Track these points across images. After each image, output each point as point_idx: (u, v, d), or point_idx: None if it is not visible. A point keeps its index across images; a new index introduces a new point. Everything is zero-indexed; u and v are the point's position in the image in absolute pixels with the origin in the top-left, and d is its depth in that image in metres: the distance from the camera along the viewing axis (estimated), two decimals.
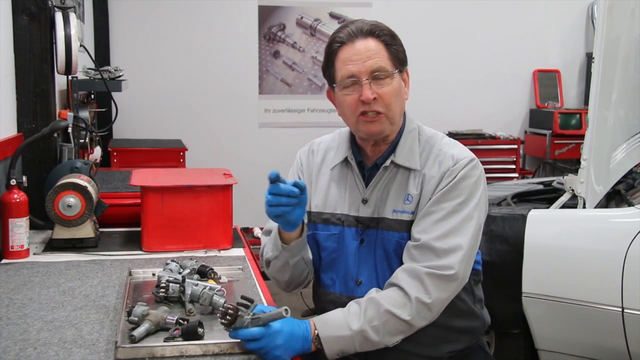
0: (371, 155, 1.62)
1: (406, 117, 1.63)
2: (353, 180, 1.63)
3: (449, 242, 1.48)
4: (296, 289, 1.71)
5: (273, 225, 1.62)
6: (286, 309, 1.29)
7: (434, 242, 1.48)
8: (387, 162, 1.58)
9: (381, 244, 1.57)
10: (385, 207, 1.57)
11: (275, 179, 1.42)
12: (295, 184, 1.44)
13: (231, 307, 1.28)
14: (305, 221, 1.65)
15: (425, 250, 1.48)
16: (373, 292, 1.49)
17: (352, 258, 1.61)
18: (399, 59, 1.56)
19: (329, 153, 1.70)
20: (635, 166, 3.07)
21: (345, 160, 1.65)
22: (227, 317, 1.27)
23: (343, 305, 1.50)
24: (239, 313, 1.28)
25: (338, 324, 1.44)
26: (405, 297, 1.45)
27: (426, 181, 1.55)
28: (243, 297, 1.32)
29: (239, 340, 1.31)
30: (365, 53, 1.51)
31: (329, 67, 1.58)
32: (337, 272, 1.64)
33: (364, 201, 1.60)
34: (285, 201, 1.43)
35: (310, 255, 1.65)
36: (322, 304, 1.67)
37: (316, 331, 1.42)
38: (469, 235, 1.50)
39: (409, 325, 1.46)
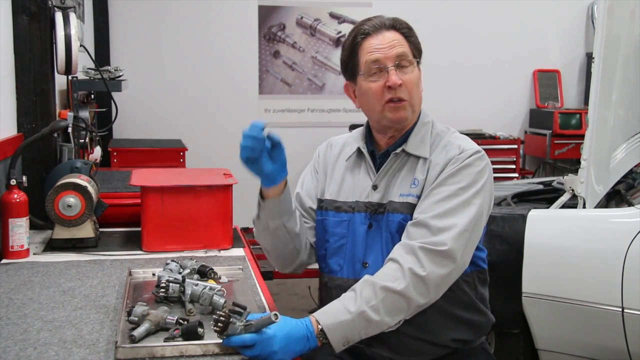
0: (385, 145, 1.68)
1: (421, 110, 1.69)
2: (365, 168, 1.69)
3: (444, 222, 1.51)
4: (288, 269, 1.74)
5: None
6: (275, 314, 1.29)
7: (430, 220, 1.52)
8: (398, 150, 1.63)
9: (387, 226, 1.62)
10: (392, 192, 1.63)
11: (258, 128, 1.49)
12: (268, 135, 1.50)
13: (223, 314, 1.28)
14: (316, 205, 1.72)
15: (421, 227, 1.52)
16: (366, 276, 1.51)
17: (360, 242, 1.65)
18: (418, 50, 1.65)
19: (346, 147, 1.77)
20: (635, 166, 3.07)
21: (359, 150, 1.71)
22: (219, 324, 1.27)
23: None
24: (231, 320, 1.28)
25: (337, 310, 1.45)
26: (399, 270, 1.47)
27: (432, 167, 1.60)
28: (235, 304, 1.32)
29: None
30: (389, 42, 1.60)
31: (352, 58, 1.64)
32: (344, 257, 1.67)
33: (375, 187, 1.65)
34: (251, 143, 1.49)
35: (297, 228, 1.67)
36: (329, 290, 1.69)
37: (319, 326, 1.42)
38: (466, 218, 1.52)
39: (405, 297, 1.46)
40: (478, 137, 5.48)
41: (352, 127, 1.74)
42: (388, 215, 1.61)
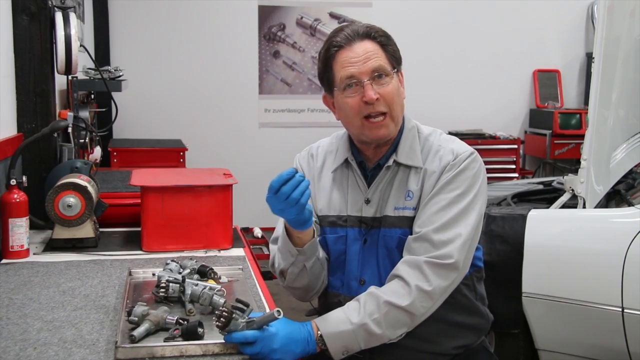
0: (372, 157, 1.63)
1: (404, 116, 1.63)
2: (354, 181, 1.63)
3: (447, 234, 1.48)
4: (314, 296, 1.69)
5: (280, 232, 1.61)
6: (278, 310, 1.28)
7: (432, 234, 1.49)
8: (390, 162, 1.58)
9: (383, 242, 1.58)
10: (387, 206, 1.58)
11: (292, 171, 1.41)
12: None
13: (225, 310, 1.28)
14: (317, 220, 1.66)
15: (424, 242, 1.49)
16: (372, 288, 1.49)
17: (355, 258, 1.61)
18: (396, 59, 1.57)
19: (328, 157, 1.70)
20: (635, 166, 3.07)
21: (346, 162, 1.65)
22: (221, 319, 1.27)
23: None
24: (234, 316, 1.28)
25: (339, 319, 1.44)
26: (405, 287, 1.46)
27: (427, 176, 1.56)
28: (238, 301, 1.31)
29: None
30: (364, 54, 1.52)
31: (326, 72, 1.58)
32: (344, 273, 1.64)
33: (367, 201, 1.60)
34: (302, 188, 1.40)
35: (324, 254, 1.64)
36: (330, 306, 1.65)
37: (319, 332, 1.42)
38: (469, 227, 1.50)
39: (409, 313, 1.45)
40: (478, 137, 5.49)
41: (336, 133, 1.68)
42: (385, 231, 1.57)
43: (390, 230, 1.57)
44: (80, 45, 2.48)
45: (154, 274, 1.71)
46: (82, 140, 2.70)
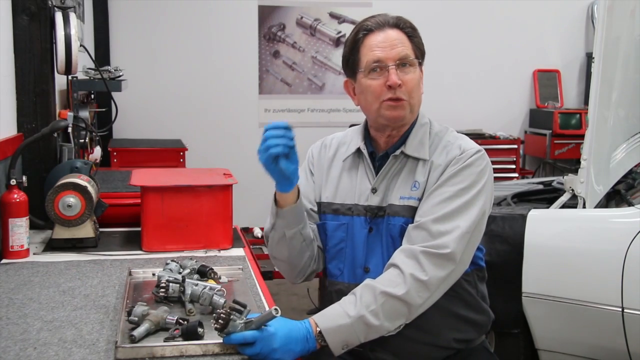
0: (383, 146, 1.66)
1: (420, 112, 1.67)
2: (364, 170, 1.67)
3: (446, 225, 1.50)
4: (301, 278, 1.72)
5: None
6: (276, 309, 1.28)
7: (431, 224, 1.50)
8: (397, 152, 1.61)
9: (388, 230, 1.60)
10: (392, 195, 1.61)
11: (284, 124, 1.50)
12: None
13: (223, 312, 1.28)
14: (317, 208, 1.70)
15: (422, 231, 1.51)
16: (368, 280, 1.50)
17: (360, 246, 1.63)
18: (420, 51, 1.63)
19: (341, 147, 1.74)
20: (635, 166, 3.07)
21: (358, 151, 1.68)
22: (220, 321, 1.27)
23: None
24: (232, 317, 1.28)
25: (336, 314, 1.45)
26: (400, 276, 1.47)
27: (433, 168, 1.58)
28: (235, 302, 1.31)
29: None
30: (392, 41, 1.58)
31: (353, 55, 1.62)
32: (344, 261, 1.66)
33: (374, 190, 1.63)
34: (283, 140, 1.50)
35: (310, 234, 1.66)
36: (330, 295, 1.68)
37: (318, 328, 1.42)
38: (469, 220, 1.51)
39: (405, 302, 1.45)
40: (478, 137, 5.48)
41: (352, 127, 1.74)
42: (388, 219, 1.60)
43: (394, 219, 1.59)
44: (80, 45, 2.48)
45: (154, 274, 1.71)
46: (82, 140, 2.70)
